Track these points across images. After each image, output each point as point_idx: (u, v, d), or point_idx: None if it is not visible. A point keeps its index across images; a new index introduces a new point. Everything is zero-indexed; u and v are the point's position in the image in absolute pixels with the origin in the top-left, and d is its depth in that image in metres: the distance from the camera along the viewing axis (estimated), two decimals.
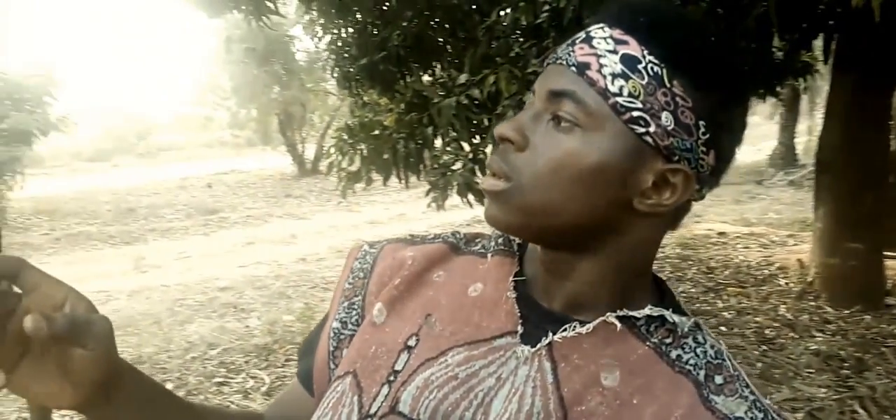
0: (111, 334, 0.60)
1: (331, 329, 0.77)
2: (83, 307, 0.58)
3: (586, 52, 0.62)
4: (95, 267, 7.21)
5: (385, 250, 0.78)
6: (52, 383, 0.57)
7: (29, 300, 0.55)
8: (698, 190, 0.65)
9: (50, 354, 0.56)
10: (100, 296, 5.96)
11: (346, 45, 5.26)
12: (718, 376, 0.63)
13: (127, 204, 10.40)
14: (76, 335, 0.56)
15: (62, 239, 8.65)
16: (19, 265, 0.56)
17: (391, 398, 0.66)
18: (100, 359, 0.58)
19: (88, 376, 0.58)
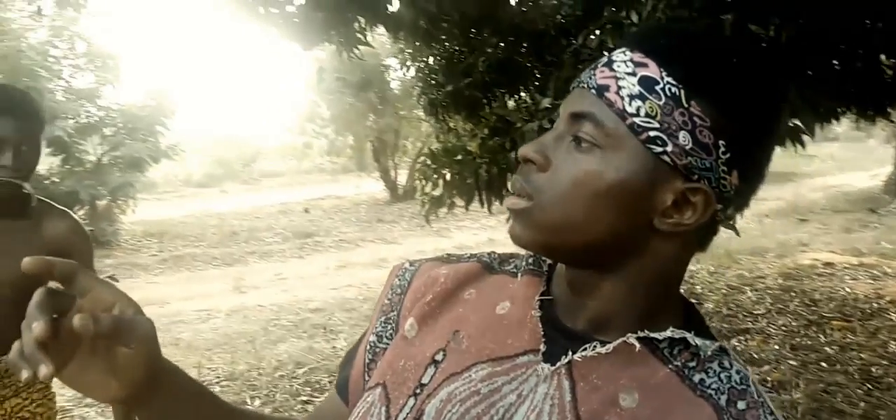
0: (154, 336, 0.65)
1: (368, 342, 0.81)
2: (131, 311, 0.63)
3: (606, 75, 0.63)
4: (198, 287, 7.57)
5: (422, 268, 0.81)
6: (100, 378, 0.63)
7: (82, 302, 0.61)
8: (722, 210, 0.64)
9: (98, 352, 0.62)
10: (201, 314, 6.27)
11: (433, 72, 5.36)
12: (741, 402, 0.62)
13: (231, 227, 10.90)
14: (120, 335, 0.61)
15: (169, 260, 9.13)
16: (74, 270, 0.61)
17: (416, 410, 0.69)
18: (143, 358, 0.63)
19: (132, 373, 0.63)
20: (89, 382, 0.63)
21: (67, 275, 0.60)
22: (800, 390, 3.48)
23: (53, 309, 0.58)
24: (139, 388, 0.65)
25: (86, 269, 0.61)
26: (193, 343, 5.33)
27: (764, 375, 3.71)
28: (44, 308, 0.57)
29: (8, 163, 1.61)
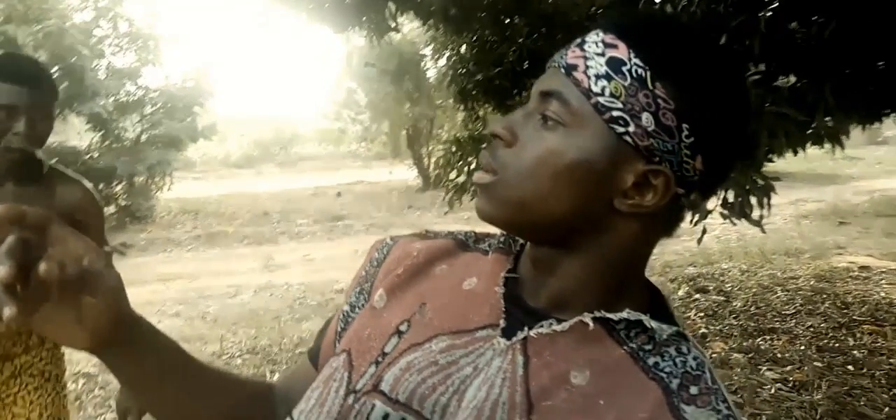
0: (120, 288, 0.66)
1: (342, 312, 0.83)
2: (100, 263, 0.64)
3: (577, 55, 0.64)
4: (229, 264, 7.70)
5: (399, 243, 0.83)
6: (68, 325, 0.64)
7: (52, 251, 0.61)
8: (686, 195, 0.65)
9: (67, 300, 0.63)
10: (229, 290, 6.38)
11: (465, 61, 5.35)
12: (694, 387, 0.62)
13: (263, 208, 11.05)
14: (86, 284, 0.63)
15: (202, 237, 9.30)
16: (46, 220, 0.62)
17: (376, 377, 0.70)
18: (108, 308, 0.64)
19: (98, 322, 0.65)
20: (58, 329, 0.64)
21: (39, 224, 0.61)
22: (821, 391, 3.41)
23: (24, 256, 0.59)
24: (106, 337, 0.66)
25: (58, 220, 0.62)
26: (220, 317, 5.43)
27: (786, 375, 3.64)
28: (12, 253, 0.58)
29: (21, 130, 1.66)
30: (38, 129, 1.71)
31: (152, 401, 0.77)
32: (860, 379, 3.57)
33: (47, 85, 1.74)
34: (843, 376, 3.60)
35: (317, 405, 0.72)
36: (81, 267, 0.62)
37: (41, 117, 1.71)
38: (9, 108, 1.66)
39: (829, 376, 3.61)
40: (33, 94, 1.68)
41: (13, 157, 1.70)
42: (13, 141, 1.67)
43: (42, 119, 1.71)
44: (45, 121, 1.72)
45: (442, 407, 0.66)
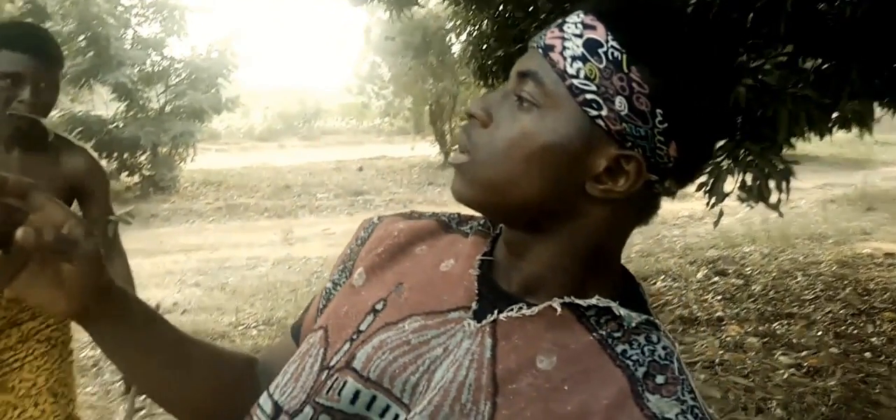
0: (97, 257, 0.67)
1: (324, 288, 0.83)
2: (79, 231, 0.65)
3: (555, 35, 0.63)
4: (249, 236, 7.77)
5: (383, 222, 0.83)
6: (48, 291, 0.65)
7: (32, 217, 0.62)
8: (659, 182, 0.64)
9: (46, 267, 0.64)
10: (249, 262, 6.44)
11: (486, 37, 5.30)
12: (660, 376, 0.62)
13: (285, 181, 11.12)
14: (63, 251, 0.63)
15: (224, 209, 9.39)
16: (28, 187, 0.63)
17: (349, 354, 0.71)
18: (85, 276, 0.65)
19: (76, 290, 0.66)
20: (39, 294, 0.66)
21: (20, 191, 0.62)
22: (836, 378, 3.37)
23: (4, 221, 0.61)
24: (85, 304, 0.67)
25: (39, 187, 0.63)
26: (238, 288, 5.49)
27: (801, 360, 3.60)
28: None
29: (26, 98, 1.67)
30: (43, 98, 1.72)
31: (136, 372, 0.78)
32: (877, 366, 3.52)
33: (53, 53, 1.75)
34: (860, 364, 3.55)
35: (292, 379, 0.73)
36: (59, 234, 0.63)
37: (46, 86, 1.72)
38: (14, 76, 1.67)
39: (845, 363, 3.56)
40: (38, 63, 1.69)
41: (18, 125, 1.71)
42: (18, 109, 1.69)
43: (47, 87, 1.72)
44: (50, 89, 1.73)
45: (412, 386, 0.67)
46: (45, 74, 1.71)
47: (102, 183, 1.95)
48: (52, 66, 1.74)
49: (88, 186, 1.90)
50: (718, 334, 4.08)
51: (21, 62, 1.67)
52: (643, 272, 5.56)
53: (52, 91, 1.74)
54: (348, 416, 0.68)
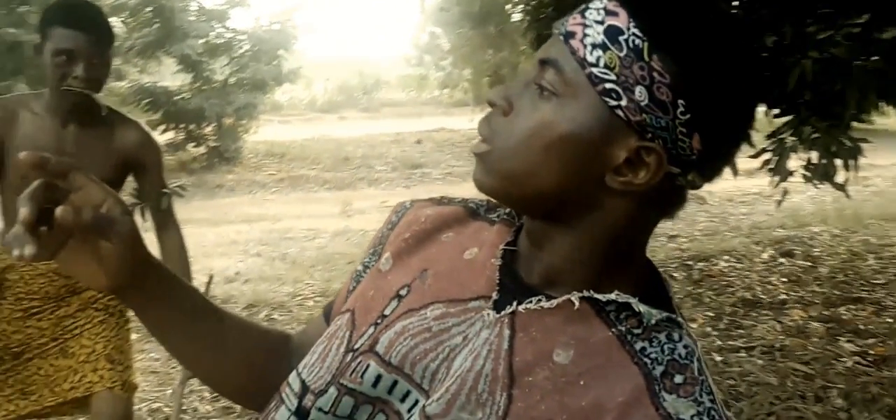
0: (135, 235, 0.69)
1: (355, 271, 0.85)
2: (117, 210, 0.67)
3: (577, 22, 0.62)
4: (309, 207, 7.91)
5: (414, 207, 0.84)
6: (88, 266, 0.68)
7: (73, 196, 0.65)
8: (682, 175, 0.62)
9: (87, 243, 0.66)
10: (308, 233, 6.56)
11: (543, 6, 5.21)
12: (679, 376, 0.61)
13: (344, 153, 11.24)
14: (101, 229, 0.66)
15: (285, 180, 9.57)
16: (68, 167, 0.65)
17: (372, 338, 0.72)
18: (124, 253, 0.68)
19: (114, 265, 0.68)
20: (80, 269, 0.69)
21: (61, 171, 0.65)
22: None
23: (47, 200, 0.62)
24: (123, 279, 0.70)
25: (80, 168, 0.66)
26: (298, 259, 5.60)
27: (866, 348, 3.45)
28: (34, 197, 0.61)
29: (80, 74, 1.73)
30: (96, 73, 1.77)
31: (173, 344, 0.81)
32: None
33: (104, 30, 1.80)
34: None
35: (319, 360, 0.75)
36: (97, 213, 0.65)
37: (99, 62, 1.77)
38: (68, 53, 1.72)
39: None
40: (91, 40, 1.74)
41: (73, 100, 1.77)
42: (73, 84, 1.74)
43: (100, 63, 1.77)
44: (102, 65, 1.78)
45: (431, 372, 0.68)
46: (97, 51, 1.76)
47: (155, 156, 2.00)
48: (104, 43, 1.79)
49: (141, 159, 1.96)
50: (780, 318, 3.95)
51: (74, 39, 1.72)
52: (706, 252, 5.41)
53: (104, 67, 1.79)
54: (370, 399, 0.70)
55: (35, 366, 1.95)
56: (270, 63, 10.60)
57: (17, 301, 1.92)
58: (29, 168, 0.62)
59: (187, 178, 9.50)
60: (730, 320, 3.98)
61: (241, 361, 0.83)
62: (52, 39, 1.74)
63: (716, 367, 3.33)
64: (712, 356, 3.45)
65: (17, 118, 1.82)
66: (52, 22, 1.75)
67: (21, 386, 1.94)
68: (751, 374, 3.23)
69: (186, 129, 10.17)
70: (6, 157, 1.80)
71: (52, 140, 1.83)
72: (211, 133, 10.34)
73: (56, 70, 1.74)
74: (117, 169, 1.94)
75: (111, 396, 1.95)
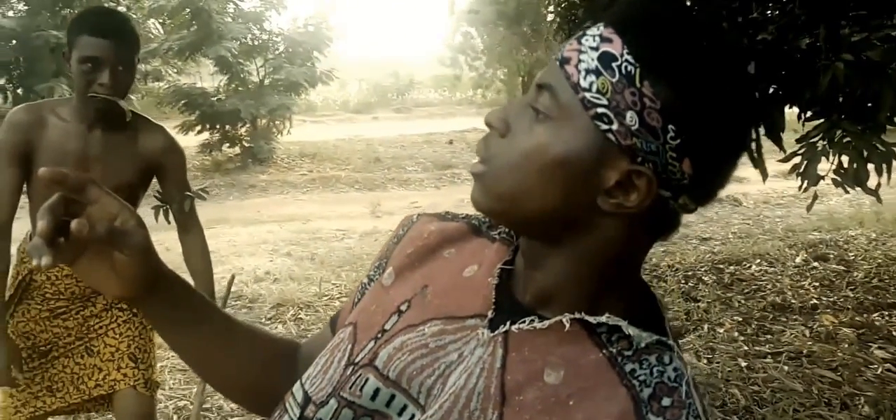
0: (148, 247, 0.73)
1: (361, 283, 0.87)
2: (131, 222, 0.71)
3: (573, 48, 0.64)
4: (339, 208, 7.98)
5: (419, 221, 0.86)
6: (104, 275, 0.72)
7: (90, 210, 0.69)
8: (673, 198, 0.63)
9: (102, 254, 0.70)
10: (337, 233, 6.62)
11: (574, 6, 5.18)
12: (667, 399, 0.62)
13: (376, 154, 11.32)
14: (114, 241, 0.69)
15: (317, 180, 9.67)
16: (84, 182, 0.69)
17: (372, 352, 0.74)
18: (137, 263, 0.72)
19: (128, 275, 0.72)
20: (95, 278, 0.72)
21: (78, 186, 0.68)
22: None
23: (65, 212, 0.66)
24: (136, 289, 0.74)
25: (96, 182, 0.70)
26: (326, 259, 5.65)
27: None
28: (52, 210, 0.65)
29: (105, 81, 1.77)
30: (121, 79, 1.82)
31: (183, 350, 0.84)
32: None
33: (130, 37, 1.85)
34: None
35: (321, 371, 0.77)
36: (111, 227, 0.69)
37: (124, 68, 1.81)
38: (94, 60, 1.77)
39: None
40: (116, 47, 1.79)
41: (99, 106, 1.82)
42: (98, 91, 1.79)
43: (125, 70, 1.82)
44: (127, 71, 1.83)
45: (427, 388, 0.70)
46: (122, 57, 1.81)
47: (178, 159, 2.05)
48: (129, 50, 1.84)
49: (164, 163, 2.00)
50: (810, 323, 3.87)
51: (100, 47, 1.77)
52: (738, 255, 5.33)
53: (129, 73, 1.84)
54: (369, 412, 0.71)
55: (61, 364, 2.01)
56: (304, 64, 10.71)
57: (45, 301, 1.98)
58: (48, 183, 0.66)
59: (221, 178, 9.67)
60: (758, 325, 3.91)
61: (248, 368, 0.86)
62: (78, 47, 1.79)
63: (740, 373, 3.29)
64: (738, 362, 3.40)
65: (45, 123, 1.87)
66: (79, 30, 1.80)
67: (48, 383, 2.00)
68: (776, 380, 3.18)
69: (222, 129, 10.34)
70: (36, 160, 1.86)
71: (78, 145, 1.88)
72: (245, 134, 10.49)
73: (82, 77, 1.79)
74: (142, 172, 1.99)
75: (134, 394, 2.00)
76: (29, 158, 1.86)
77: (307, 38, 10.86)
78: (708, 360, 3.48)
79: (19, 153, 1.85)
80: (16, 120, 1.86)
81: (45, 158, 1.85)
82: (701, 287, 4.65)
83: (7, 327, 1.92)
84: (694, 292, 4.55)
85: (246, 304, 4.55)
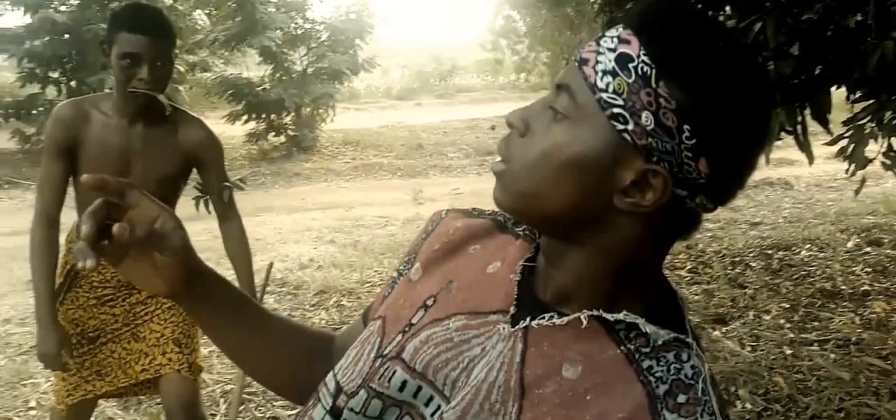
0: (186, 246, 0.77)
1: (391, 277, 0.91)
2: (170, 225, 0.75)
3: (592, 49, 0.65)
4: (381, 195, 8.04)
5: (447, 217, 0.89)
6: (146, 274, 0.76)
7: (132, 213, 0.72)
8: (690, 197, 0.64)
9: (144, 255, 0.74)
10: (379, 220, 6.68)
11: None
12: (682, 395, 0.63)
13: (418, 140, 11.35)
14: (154, 242, 0.73)
15: (360, 168, 9.76)
16: (126, 187, 0.73)
17: (399, 346, 0.77)
18: (176, 263, 0.76)
19: (169, 275, 0.76)
20: (139, 277, 0.76)
21: (119, 190, 0.72)
22: None
23: (107, 216, 0.70)
24: (176, 287, 0.78)
25: (136, 187, 0.73)
26: (369, 246, 5.71)
27: None
28: (95, 214, 0.69)
29: (144, 76, 1.83)
30: (160, 74, 1.87)
31: (222, 342, 0.89)
32: None
33: (167, 33, 1.90)
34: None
35: (352, 363, 0.80)
36: (150, 229, 0.73)
37: (162, 63, 1.87)
38: (133, 56, 1.83)
39: None
40: (154, 43, 1.84)
41: (139, 100, 1.87)
42: (138, 86, 1.84)
43: (163, 64, 1.87)
44: (165, 66, 1.88)
45: (452, 381, 0.72)
46: (160, 52, 1.86)
47: (216, 151, 2.10)
48: (167, 45, 1.89)
49: (203, 155, 2.05)
50: (860, 310, 3.76)
51: (139, 43, 1.82)
52: (787, 240, 5.21)
53: (167, 67, 1.89)
54: (397, 402, 0.75)
55: (109, 349, 2.08)
56: (346, 52, 10.78)
57: (92, 289, 2.06)
58: (90, 188, 0.70)
59: (267, 167, 9.83)
60: (806, 312, 3.82)
61: (284, 361, 0.90)
62: (118, 44, 1.84)
63: (785, 361, 3.22)
64: (783, 350, 3.33)
65: (89, 118, 1.94)
66: (118, 27, 1.85)
67: (97, 368, 2.08)
68: (821, 369, 3.10)
69: (267, 119, 10.49)
70: (81, 154, 1.93)
71: (121, 139, 1.94)
72: (290, 123, 10.63)
73: (122, 73, 1.85)
74: (181, 164, 2.04)
75: (179, 378, 2.07)
76: (74, 152, 1.93)
77: (349, 25, 10.92)
78: (752, 348, 3.42)
79: (64, 148, 1.92)
80: (60, 116, 1.93)
81: (89, 152, 1.92)
82: (748, 273, 4.57)
83: (57, 314, 2.01)
84: (741, 278, 4.47)
85: (290, 291, 4.64)
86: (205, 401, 3.05)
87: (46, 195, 1.95)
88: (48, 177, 1.94)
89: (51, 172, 1.94)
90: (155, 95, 1.87)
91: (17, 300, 4.33)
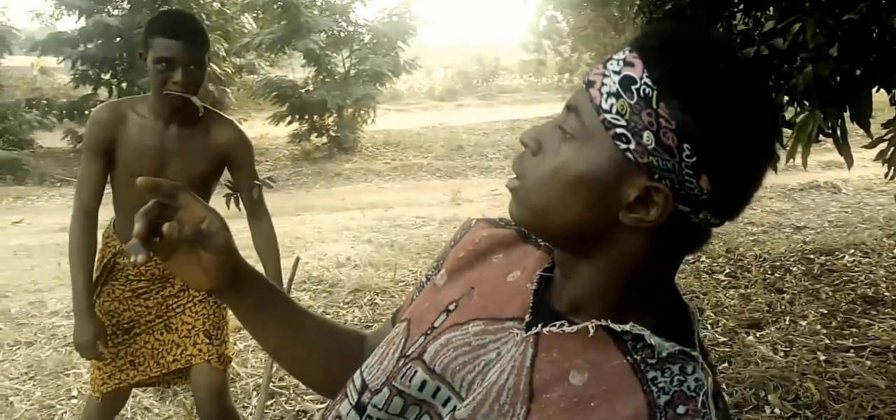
0: (229, 246, 0.83)
1: (419, 281, 0.96)
2: (216, 225, 0.81)
3: (598, 72, 0.69)
4: (419, 195, 8.10)
5: (475, 226, 0.94)
6: (193, 271, 0.82)
7: (181, 214, 0.79)
8: (694, 213, 0.67)
9: (192, 253, 0.81)
10: (417, 221, 6.72)
11: None
12: (682, 407, 0.65)
13: (458, 141, 11.39)
14: (201, 241, 0.80)
15: (399, 168, 9.83)
16: (176, 189, 0.80)
17: (421, 347, 0.81)
18: (220, 261, 0.82)
19: (214, 272, 0.82)
20: (187, 273, 0.83)
21: (170, 193, 0.79)
22: None
23: (158, 216, 0.77)
24: (219, 283, 0.84)
25: (186, 189, 0.80)
26: (406, 246, 5.76)
27: None
28: (147, 214, 0.75)
29: (178, 79, 1.91)
30: (193, 77, 1.95)
31: (260, 337, 0.95)
32: None
33: (200, 38, 1.97)
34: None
35: (377, 362, 0.85)
36: (198, 229, 0.79)
37: (195, 67, 1.94)
38: (168, 61, 1.91)
39: None
40: (188, 47, 1.92)
41: (174, 103, 1.95)
42: (173, 89, 1.92)
43: (196, 68, 1.95)
44: (199, 70, 1.96)
45: (469, 383, 0.76)
46: (193, 57, 1.94)
47: (247, 151, 2.17)
48: (200, 49, 1.96)
49: (234, 155, 2.13)
50: None
51: (173, 48, 1.90)
52: (831, 245, 5.09)
53: (200, 70, 1.97)
54: (417, 401, 0.79)
55: (142, 340, 2.17)
56: (388, 54, 10.89)
57: (127, 282, 2.15)
58: (144, 191, 0.76)
59: (309, 167, 9.99)
60: (844, 318, 3.73)
61: (317, 356, 0.96)
62: (153, 49, 1.93)
63: (818, 367, 3.15)
64: (816, 355, 3.26)
65: (126, 120, 2.03)
66: (153, 33, 1.94)
67: (131, 357, 2.17)
68: (855, 375, 3.03)
69: (310, 120, 10.66)
70: (118, 154, 2.02)
71: (156, 139, 2.03)
72: (332, 124, 10.79)
73: (157, 76, 1.93)
74: (214, 163, 2.12)
75: (209, 368, 2.15)
76: (111, 152, 2.02)
77: (391, 28, 11.03)
78: (784, 354, 3.35)
79: (103, 148, 2.01)
80: (99, 118, 2.02)
81: (126, 152, 2.01)
82: (788, 278, 4.48)
83: (94, 306, 2.10)
84: (780, 283, 4.38)
85: (326, 288, 4.72)
86: (237, 393, 3.15)
87: (85, 193, 2.05)
88: (87, 175, 2.04)
89: (89, 171, 2.03)
90: (188, 97, 1.94)
91: (65, 294, 4.49)
